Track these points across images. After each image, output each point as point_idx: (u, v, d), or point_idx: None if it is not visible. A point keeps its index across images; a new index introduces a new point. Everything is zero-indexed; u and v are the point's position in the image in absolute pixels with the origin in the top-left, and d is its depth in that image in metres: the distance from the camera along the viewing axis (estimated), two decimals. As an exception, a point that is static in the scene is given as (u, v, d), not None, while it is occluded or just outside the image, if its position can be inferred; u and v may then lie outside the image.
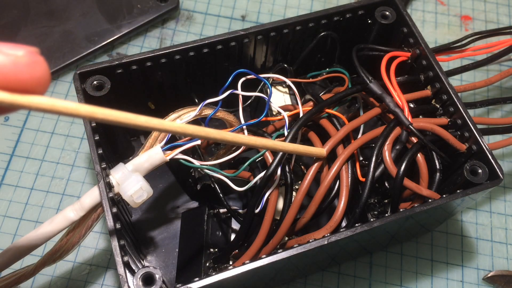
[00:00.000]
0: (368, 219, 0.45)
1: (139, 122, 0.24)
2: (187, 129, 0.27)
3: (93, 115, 0.22)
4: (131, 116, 0.24)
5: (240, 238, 0.40)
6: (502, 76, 0.50)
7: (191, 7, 0.64)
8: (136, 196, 0.35)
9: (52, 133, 0.55)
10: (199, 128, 0.28)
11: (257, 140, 0.32)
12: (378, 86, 0.42)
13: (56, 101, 0.21)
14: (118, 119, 0.23)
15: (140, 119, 0.24)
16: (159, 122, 0.25)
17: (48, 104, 0.21)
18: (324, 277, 0.49)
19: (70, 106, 0.21)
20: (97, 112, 0.22)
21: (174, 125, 0.26)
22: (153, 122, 0.24)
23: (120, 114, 0.23)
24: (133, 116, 0.24)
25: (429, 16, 0.67)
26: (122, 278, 0.33)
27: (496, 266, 0.51)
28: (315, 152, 0.38)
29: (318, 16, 0.46)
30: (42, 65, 0.20)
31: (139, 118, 0.24)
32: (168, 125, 0.25)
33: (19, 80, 0.20)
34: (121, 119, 0.23)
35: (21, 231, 0.49)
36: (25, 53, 0.20)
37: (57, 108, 0.21)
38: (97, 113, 0.22)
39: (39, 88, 0.20)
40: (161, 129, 0.25)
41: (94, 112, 0.22)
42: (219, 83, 0.41)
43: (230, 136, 0.30)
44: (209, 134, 0.28)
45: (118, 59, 0.41)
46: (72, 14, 0.60)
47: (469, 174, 0.39)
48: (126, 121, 0.23)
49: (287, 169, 0.39)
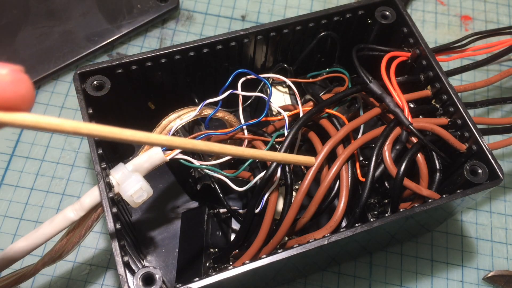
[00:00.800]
0: (368, 219, 0.45)
1: (124, 136, 0.24)
2: (173, 141, 0.27)
3: (78, 130, 0.22)
4: (116, 130, 0.23)
5: (240, 238, 0.40)
6: (502, 76, 0.50)
7: (191, 7, 0.64)
8: (136, 196, 0.35)
9: (52, 133, 0.55)
10: (186, 140, 0.28)
11: (244, 151, 0.31)
12: (378, 86, 0.42)
13: (40, 118, 0.21)
14: (103, 133, 0.23)
15: (125, 133, 0.24)
16: (145, 136, 0.25)
17: (32, 121, 0.21)
18: (324, 277, 0.49)
19: (54, 122, 0.21)
20: (81, 127, 0.22)
21: (160, 138, 0.26)
22: (139, 135, 0.24)
23: (104, 129, 0.23)
24: (118, 130, 0.23)
25: (429, 16, 0.67)
26: (122, 278, 0.33)
27: (496, 266, 0.51)
28: (305, 161, 0.37)
29: (318, 16, 0.46)
30: (26, 82, 0.20)
31: (124, 132, 0.24)
32: (154, 138, 0.25)
33: (3, 98, 0.20)
34: (106, 133, 0.23)
35: (21, 231, 0.49)
36: (9, 71, 0.20)
37: (41, 124, 0.21)
38: (82, 128, 0.22)
39: (23, 105, 0.20)
40: (147, 142, 0.25)
41: (78, 127, 0.22)
42: (219, 83, 0.41)
43: (217, 147, 0.29)
44: (195, 146, 0.28)
45: (118, 59, 0.41)
46: (72, 14, 0.60)
47: (469, 174, 0.39)
48: (111, 135, 0.23)
49: (287, 169, 0.39)
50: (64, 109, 0.56)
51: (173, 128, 0.39)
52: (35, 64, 0.57)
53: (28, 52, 0.57)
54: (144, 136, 0.25)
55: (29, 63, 0.57)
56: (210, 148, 0.29)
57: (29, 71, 0.56)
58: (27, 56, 0.57)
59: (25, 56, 0.57)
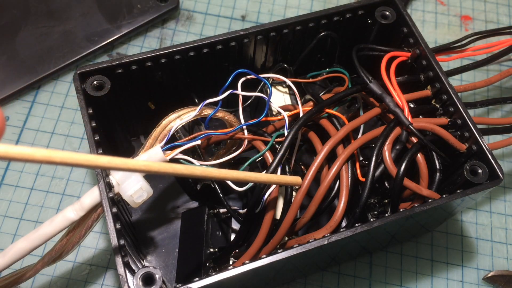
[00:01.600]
0: (368, 219, 0.45)
1: (100, 163, 0.23)
2: (152, 167, 0.26)
3: (50, 159, 0.21)
4: (91, 157, 0.22)
5: (240, 238, 0.40)
6: (502, 76, 0.50)
7: (191, 7, 0.64)
8: (136, 196, 0.35)
9: (52, 133, 0.55)
10: (165, 165, 0.27)
11: (227, 173, 0.31)
12: (378, 86, 0.42)
13: (9, 147, 0.20)
14: (77, 161, 0.22)
15: (102, 160, 0.23)
16: (122, 162, 0.24)
17: (2, 151, 0.19)
18: (324, 277, 0.49)
19: (25, 152, 0.20)
20: (54, 156, 0.21)
21: (138, 164, 0.25)
22: (116, 162, 0.24)
23: (79, 157, 0.22)
24: (93, 157, 0.23)
25: (429, 16, 0.67)
26: (122, 278, 0.33)
27: (496, 266, 0.51)
28: (291, 181, 0.37)
29: (318, 16, 0.46)
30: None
31: (100, 159, 0.23)
32: (131, 164, 0.25)
33: None
34: (81, 161, 0.22)
35: (21, 231, 0.49)
36: None
37: (11, 154, 0.20)
38: (55, 157, 0.21)
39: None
40: (124, 169, 0.25)
41: (50, 156, 0.21)
42: (219, 83, 0.41)
43: (199, 170, 0.29)
44: (176, 170, 0.27)
45: (118, 59, 0.41)
46: (72, 14, 0.60)
47: (469, 174, 0.39)
48: (86, 163, 0.22)
49: (287, 169, 0.39)
50: (64, 109, 0.56)
51: (173, 128, 0.39)
52: (35, 64, 0.57)
53: (28, 52, 0.57)
54: (121, 163, 0.24)
55: (29, 63, 0.57)
56: (191, 172, 0.28)
57: (29, 71, 0.56)
58: (27, 56, 0.57)
59: (25, 56, 0.57)
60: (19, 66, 0.56)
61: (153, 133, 0.39)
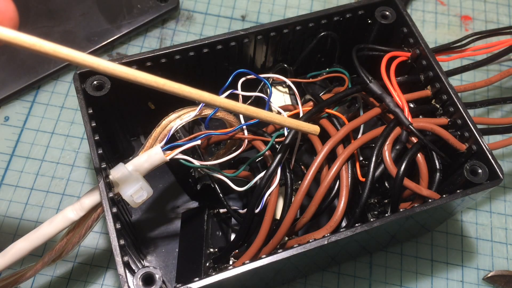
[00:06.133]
0: (368, 219, 0.45)
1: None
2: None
3: (56, 53, 0.24)
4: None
5: (240, 238, 0.40)
6: (502, 76, 0.50)
7: (191, 7, 0.64)
8: (136, 196, 0.35)
9: (52, 133, 0.55)
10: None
11: (248, 109, 0.32)
12: (378, 86, 0.42)
13: (20, 34, 0.23)
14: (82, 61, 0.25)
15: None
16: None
17: (11, 36, 0.23)
18: (324, 277, 0.49)
19: (32, 41, 0.23)
20: (60, 50, 0.24)
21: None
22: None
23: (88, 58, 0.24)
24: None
25: (429, 16, 0.67)
26: (122, 278, 0.33)
27: (496, 266, 0.51)
28: (308, 128, 0.36)
29: (318, 16, 0.46)
30: (8, 1, 0.23)
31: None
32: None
33: None
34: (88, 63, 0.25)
35: (21, 231, 0.49)
36: None
37: (19, 41, 0.23)
38: (60, 51, 0.24)
39: (5, 21, 0.23)
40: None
41: (56, 49, 0.24)
42: (219, 83, 0.41)
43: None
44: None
45: (118, 59, 0.41)
46: (72, 14, 0.60)
47: (469, 174, 0.39)
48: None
49: (287, 169, 0.39)
50: (64, 109, 0.56)
51: (173, 128, 0.39)
52: (35, 64, 0.57)
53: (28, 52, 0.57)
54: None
55: (29, 63, 0.57)
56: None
57: (29, 71, 0.56)
58: (27, 56, 0.57)
59: (25, 56, 0.57)
60: (19, 66, 0.56)
61: (153, 133, 0.39)
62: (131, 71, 0.27)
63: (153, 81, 0.27)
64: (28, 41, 0.22)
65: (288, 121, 0.35)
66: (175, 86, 0.28)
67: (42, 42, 0.23)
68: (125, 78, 0.27)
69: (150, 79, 0.27)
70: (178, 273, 0.46)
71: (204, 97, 0.30)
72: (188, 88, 0.29)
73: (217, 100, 0.31)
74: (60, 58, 0.23)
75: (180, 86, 0.28)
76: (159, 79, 0.28)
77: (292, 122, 0.35)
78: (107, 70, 0.26)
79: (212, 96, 0.30)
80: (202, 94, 0.30)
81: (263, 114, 0.33)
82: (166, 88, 0.28)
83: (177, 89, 0.28)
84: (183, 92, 0.28)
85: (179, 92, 0.28)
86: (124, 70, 0.26)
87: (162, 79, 0.28)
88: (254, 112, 0.33)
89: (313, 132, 0.37)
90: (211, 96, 0.30)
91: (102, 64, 0.25)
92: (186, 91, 0.29)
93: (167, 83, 0.28)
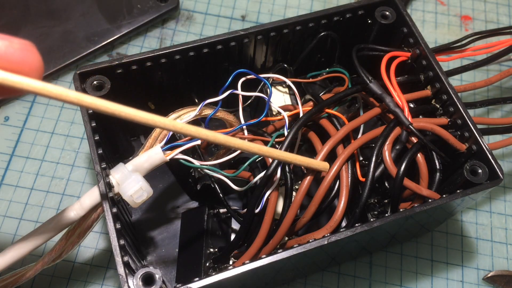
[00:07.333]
0: (368, 219, 0.45)
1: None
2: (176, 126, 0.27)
3: (80, 102, 0.24)
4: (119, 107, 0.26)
5: (240, 238, 0.40)
6: (502, 76, 0.50)
7: (191, 7, 0.64)
8: (136, 196, 0.35)
9: (52, 133, 0.55)
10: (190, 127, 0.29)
11: (253, 147, 0.33)
12: (378, 86, 0.42)
13: (47, 85, 0.22)
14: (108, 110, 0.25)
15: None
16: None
17: (38, 87, 0.22)
18: (324, 277, 0.49)
19: (59, 91, 0.23)
20: (85, 99, 0.24)
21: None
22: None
23: (110, 105, 0.25)
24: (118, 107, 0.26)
25: (429, 16, 0.67)
26: (122, 278, 0.33)
27: (496, 266, 0.51)
28: (318, 166, 0.38)
29: (318, 16, 0.46)
30: (34, 51, 0.23)
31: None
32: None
33: (12, 61, 0.22)
34: (111, 110, 0.25)
35: (21, 231, 0.49)
36: (19, 41, 0.22)
37: (45, 91, 0.22)
38: (84, 100, 0.24)
39: (32, 72, 0.23)
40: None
41: (79, 98, 0.24)
42: (219, 83, 0.41)
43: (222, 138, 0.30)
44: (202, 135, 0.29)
45: (118, 59, 0.41)
46: (72, 14, 0.60)
47: (469, 174, 0.39)
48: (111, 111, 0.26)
49: (287, 169, 0.39)
50: (64, 109, 0.56)
51: (173, 128, 0.39)
52: (35, 64, 0.57)
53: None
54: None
55: (29, 63, 0.57)
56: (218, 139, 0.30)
57: (29, 71, 0.56)
58: (27, 56, 0.57)
59: (25, 56, 0.57)
60: (19, 66, 0.56)
61: (153, 133, 0.39)
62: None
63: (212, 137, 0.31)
64: (55, 91, 0.23)
65: (299, 159, 0.36)
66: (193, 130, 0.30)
67: (68, 92, 0.23)
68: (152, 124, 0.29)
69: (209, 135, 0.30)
70: (178, 273, 0.46)
71: (219, 138, 0.31)
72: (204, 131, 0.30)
73: (233, 141, 0.32)
74: (84, 106, 0.25)
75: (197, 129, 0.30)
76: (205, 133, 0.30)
77: (303, 160, 0.37)
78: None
79: (228, 138, 0.32)
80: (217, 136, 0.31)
81: (276, 154, 0.35)
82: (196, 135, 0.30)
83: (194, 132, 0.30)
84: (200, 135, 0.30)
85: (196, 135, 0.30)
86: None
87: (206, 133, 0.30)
88: (267, 152, 0.34)
89: (323, 169, 0.39)
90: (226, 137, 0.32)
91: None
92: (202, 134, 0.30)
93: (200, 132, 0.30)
